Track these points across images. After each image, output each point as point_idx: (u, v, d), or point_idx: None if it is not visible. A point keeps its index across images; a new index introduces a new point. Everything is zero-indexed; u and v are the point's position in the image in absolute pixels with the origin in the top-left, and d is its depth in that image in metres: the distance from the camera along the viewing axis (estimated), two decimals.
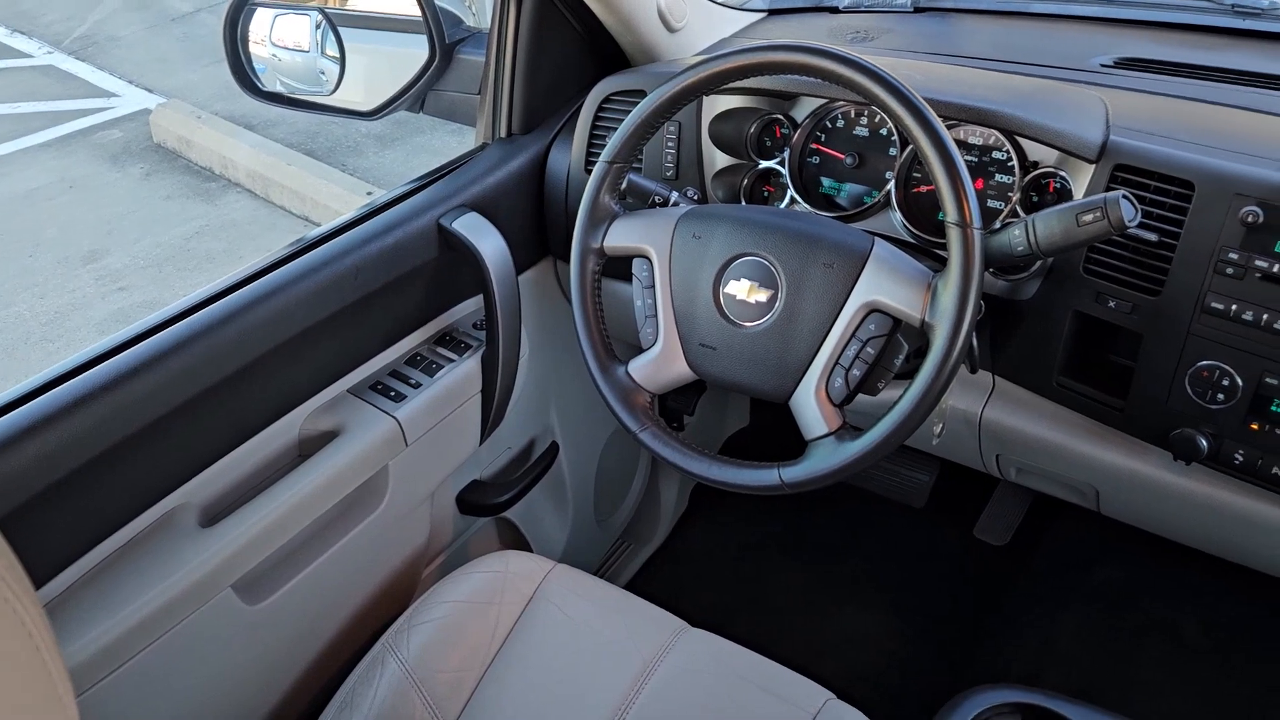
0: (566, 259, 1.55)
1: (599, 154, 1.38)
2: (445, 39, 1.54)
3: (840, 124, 1.33)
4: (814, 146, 1.35)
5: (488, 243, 1.36)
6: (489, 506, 1.55)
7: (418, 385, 1.34)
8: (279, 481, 1.20)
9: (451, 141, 4.68)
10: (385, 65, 1.59)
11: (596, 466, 1.84)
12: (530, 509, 1.70)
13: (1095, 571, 1.89)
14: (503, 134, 1.52)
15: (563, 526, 1.79)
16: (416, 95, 1.59)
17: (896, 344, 1.02)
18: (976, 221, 0.94)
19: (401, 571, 1.43)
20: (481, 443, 1.49)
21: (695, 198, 1.29)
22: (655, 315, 1.13)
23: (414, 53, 1.54)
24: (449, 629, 1.20)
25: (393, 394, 1.33)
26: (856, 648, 1.87)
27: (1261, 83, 1.26)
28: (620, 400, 1.14)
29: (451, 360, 1.39)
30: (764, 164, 1.37)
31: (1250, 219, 0.99)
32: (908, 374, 1.08)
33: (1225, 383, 1.04)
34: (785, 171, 1.34)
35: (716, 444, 2.23)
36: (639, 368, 1.14)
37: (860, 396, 1.04)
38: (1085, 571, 1.89)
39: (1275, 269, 0.99)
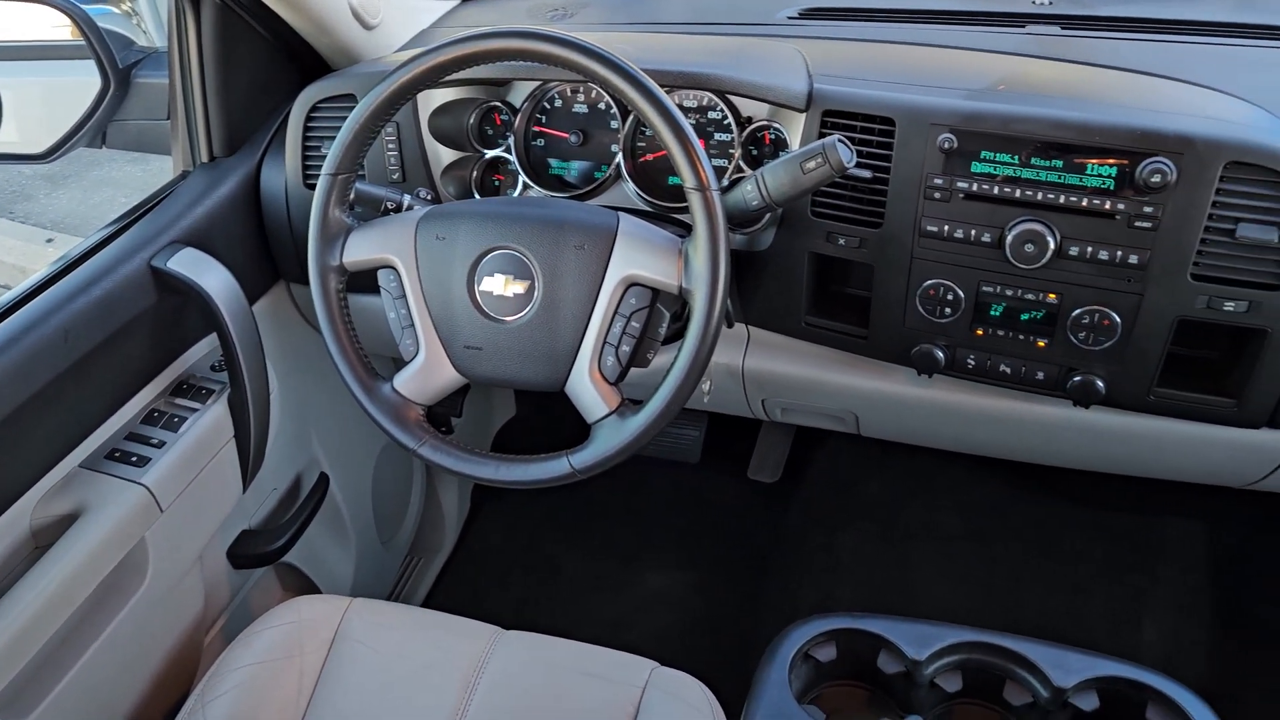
0: (301, 282, 1.47)
1: (317, 168, 1.31)
2: (117, 64, 1.40)
3: (558, 104, 1.33)
4: (536, 129, 1.34)
5: (212, 278, 1.26)
6: (265, 555, 1.45)
7: (162, 444, 1.22)
8: (18, 583, 1.06)
9: (134, 171, 4.30)
10: (52, 100, 1.43)
11: (371, 489, 1.76)
12: (310, 548, 1.60)
13: (862, 490, 2.03)
14: (204, 158, 1.41)
15: (347, 559, 1.71)
16: (95, 128, 1.44)
17: (659, 313, 1.04)
18: (714, 184, 0.97)
19: (182, 647, 1.31)
20: (244, 490, 1.39)
21: (429, 198, 1.25)
22: (412, 325, 1.08)
23: (85, 81, 1.39)
24: (250, 694, 1.11)
25: (135, 459, 1.20)
26: (665, 611, 1.91)
27: (942, 19, 1.38)
28: (391, 418, 1.09)
29: (195, 410, 1.28)
30: (490, 153, 1.35)
31: (947, 145, 1.08)
32: (673, 339, 1.10)
33: (950, 297, 1.14)
34: (512, 158, 1.33)
35: (487, 439, 2.20)
36: (405, 381, 1.10)
37: (633, 370, 1.05)
38: (853, 492, 2.03)
39: (975, 188, 1.09)
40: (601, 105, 1.31)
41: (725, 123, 1.24)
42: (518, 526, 2.10)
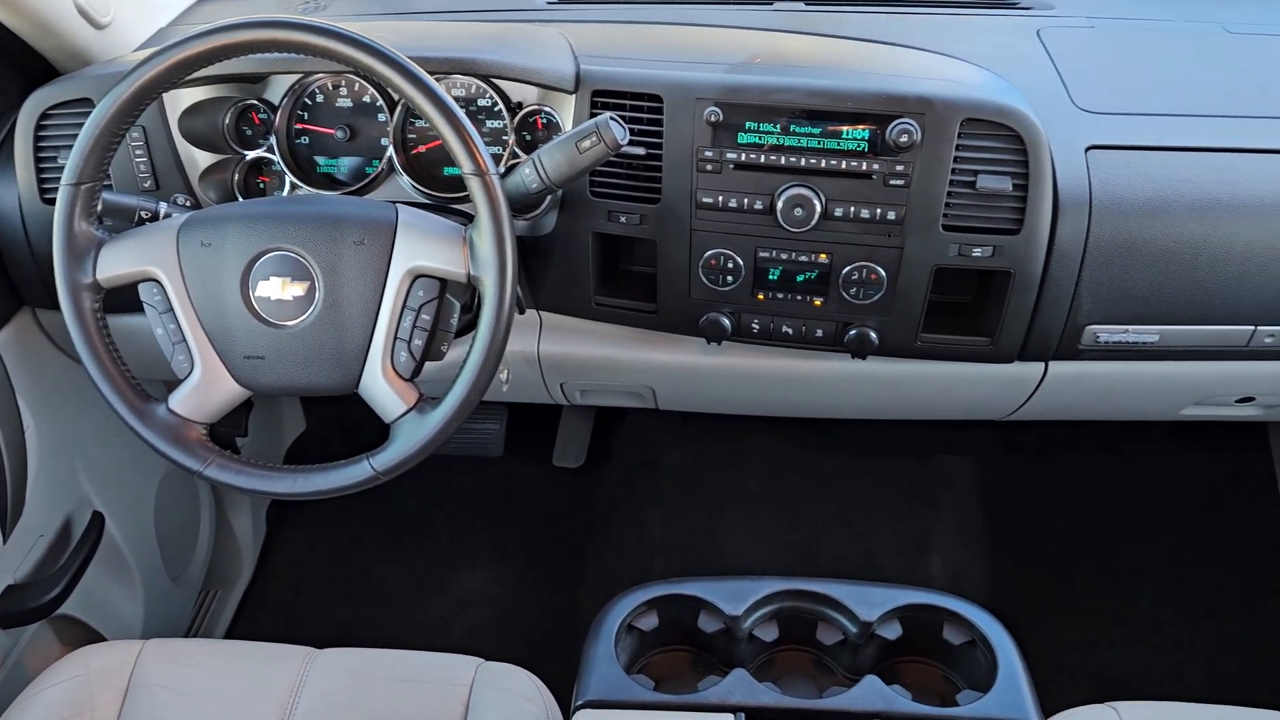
0: (50, 307, 1.34)
1: (54, 180, 1.20)
2: None
3: (321, 99, 1.28)
4: (300, 127, 1.29)
5: None
6: (36, 610, 1.32)
7: None
8: None
9: None
10: None
11: (154, 522, 1.64)
12: (90, 595, 1.48)
13: (666, 462, 2.08)
14: None
15: (134, 601, 1.58)
16: None
17: (449, 304, 1.02)
18: (492, 168, 0.96)
19: None
20: (4, 542, 1.26)
21: (188, 204, 1.17)
22: (184, 340, 1.01)
23: None
24: None
25: None
26: (485, 607, 1.89)
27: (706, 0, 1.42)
28: (170, 441, 1.02)
29: None
30: (251, 154, 1.28)
31: (713, 119, 1.12)
32: (466, 330, 1.09)
33: (731, 265, 1.18)
34: (276, 158, 1.27)
35: (279, 456, 2.09)
36: (182, 400, 1.03)
37: (428, 364, 1.03)
38: (658, 466, 2.07)
39: (743, 158, 1.13)
40: (367, 98, 1.27)
41: (496, 109, 1.23)
42: (321, 542, 2.01)
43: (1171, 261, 1.13)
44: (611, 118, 1.04)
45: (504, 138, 1.23)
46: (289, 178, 1.26)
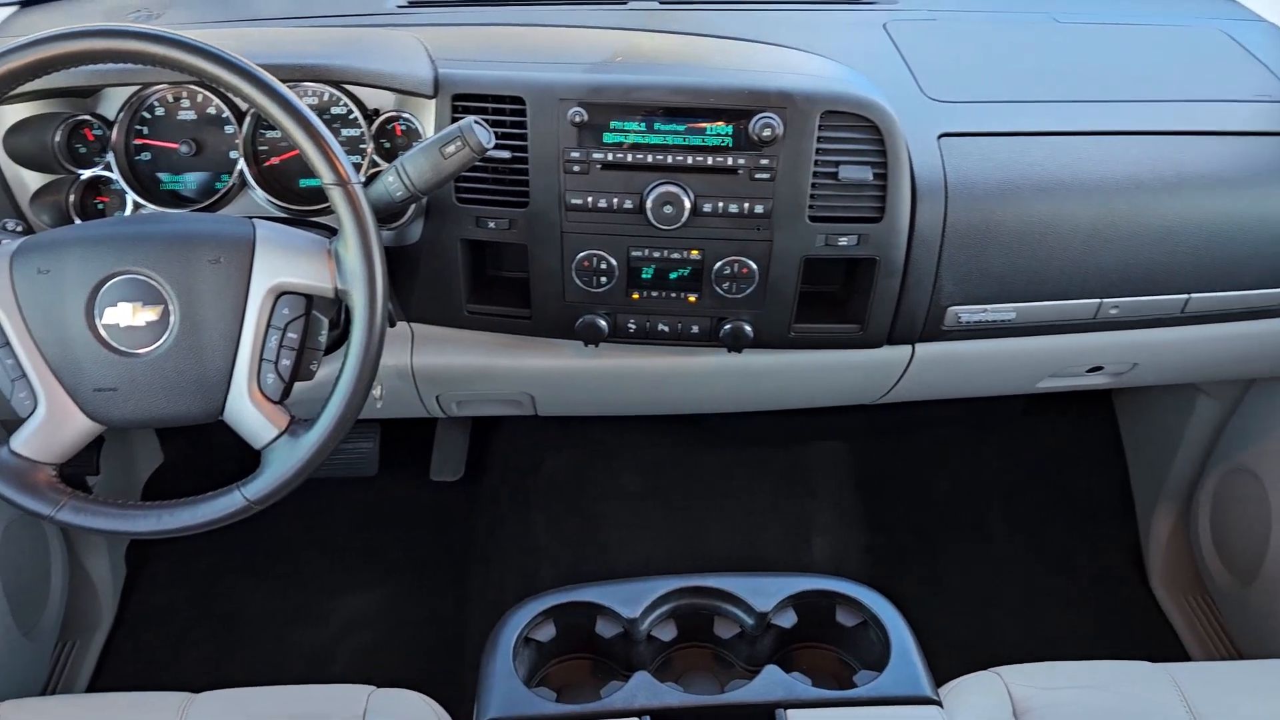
0: None
1: None
2: None
3: (161, 111, 1.21)
4: (140, 142, 1.21)
5: None
6: None
7: None
8: None
9: None
10: None
11: None
12: None
13: (546, 469, 2.05)
14: None
15: None
16: None
17: (316, 321, 0.98)
18: (354, 177, 0.93)
19: None
20: None
21: (19, 229, 1.08)
22: (24, 375, 0.94)
23: None
24: None
25: None
26: (370, 632, 1.83)
27: (560, 0, 1.41)
28: (15, 485, 0.95)
29: None
30: (86, 173, 1.20)
31: (577, 119, 1.11)
32: (336, 346, 1.05)
33: (604, 266, 1.17)
34: (115, 175, 1.19)
35: (135, 492, 1.97)
36: (26, 440, 0.95)
37: (298, 385, 0.98)
38: (538, 472, 2.05)
39: (610, 157, 1.12)
40: (212, 109, 1.20)
41: (351, 117, 1.19)
42: (188, 579, 1.91)
43: (1023, 241, 1.19)
44: (476, 121, 1.01)
45: (362, 146, 1.19)
46: (131, 196, 1.19)
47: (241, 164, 1.18)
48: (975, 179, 1.17)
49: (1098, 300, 1.24)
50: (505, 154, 1.13)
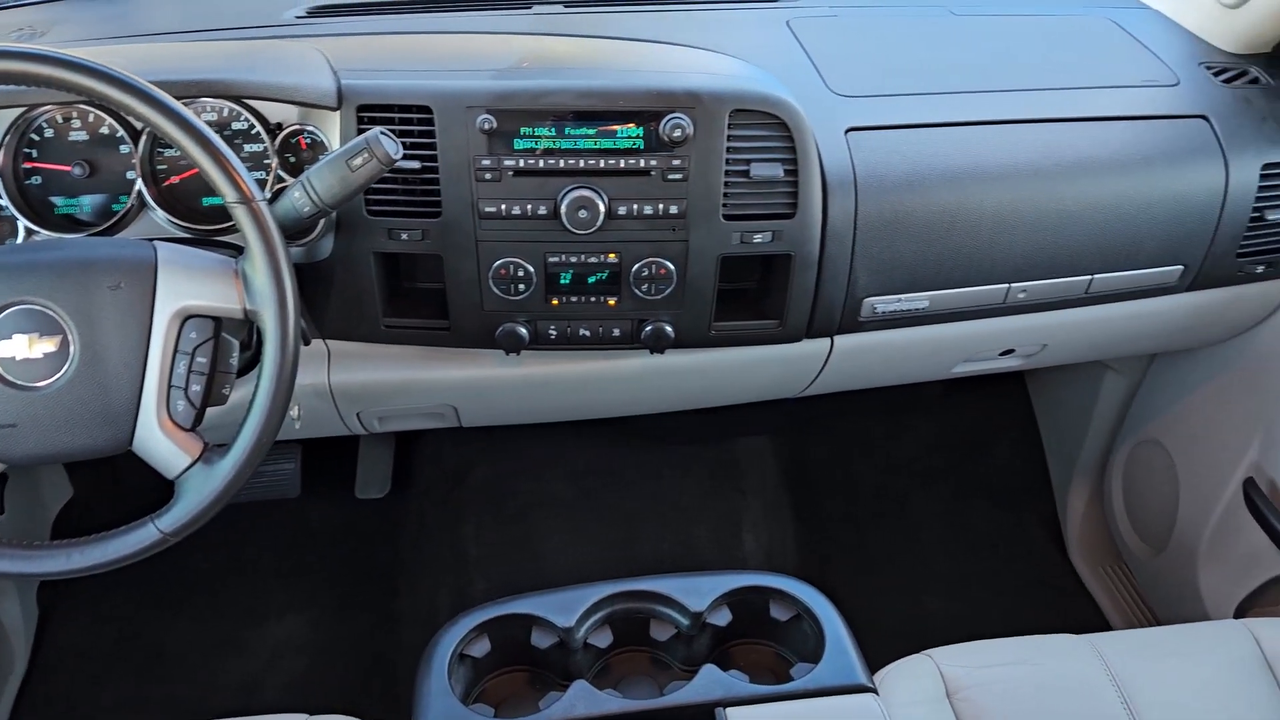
0: None
1: None
2: None
3: (51, 133, 1.16)
4: (29, 165, 1.16)
5: None
6: None
7: None
8: None
9: None
10: None
11: None
12: None
13: (473, 480, 2.03)
14: None
15: None
16: None
17: (226, 343, 0.95)
18: (258, 194, 0.90)
19: None
20: None
21: None
22: None
23: None
24: None
25: None
26: (300, 657, 1.79)
27: (450, 6, 1.39)
28: None
29: None
30: None
31: (487, 126, 1.09)
32: (249, 368, 1.02)
33: (521, 273, 1.16)
34: (5, 201, 1.14)
35: (44, 531, 1.89)
36: None
37: (211, 410, 0.95)
38: (465, 484, 2.03)
39: (521, 164, 1.11)
40: (105, 129, 1.16)
41: (253, 132, 1.16)
42: (106, 617, 1.84)
43: (932, 231, 1.21)
44: (382, 132, 1.00)
45: (266, 161, 1.16)
46: (22, 223, 1.14)
47: (139, 184, 1.14)
48: (883, 172, 1.19)
49: (1006, 285, 1.28)
50: (415, 164, 1.11)
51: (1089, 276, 1.29)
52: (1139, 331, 1.46)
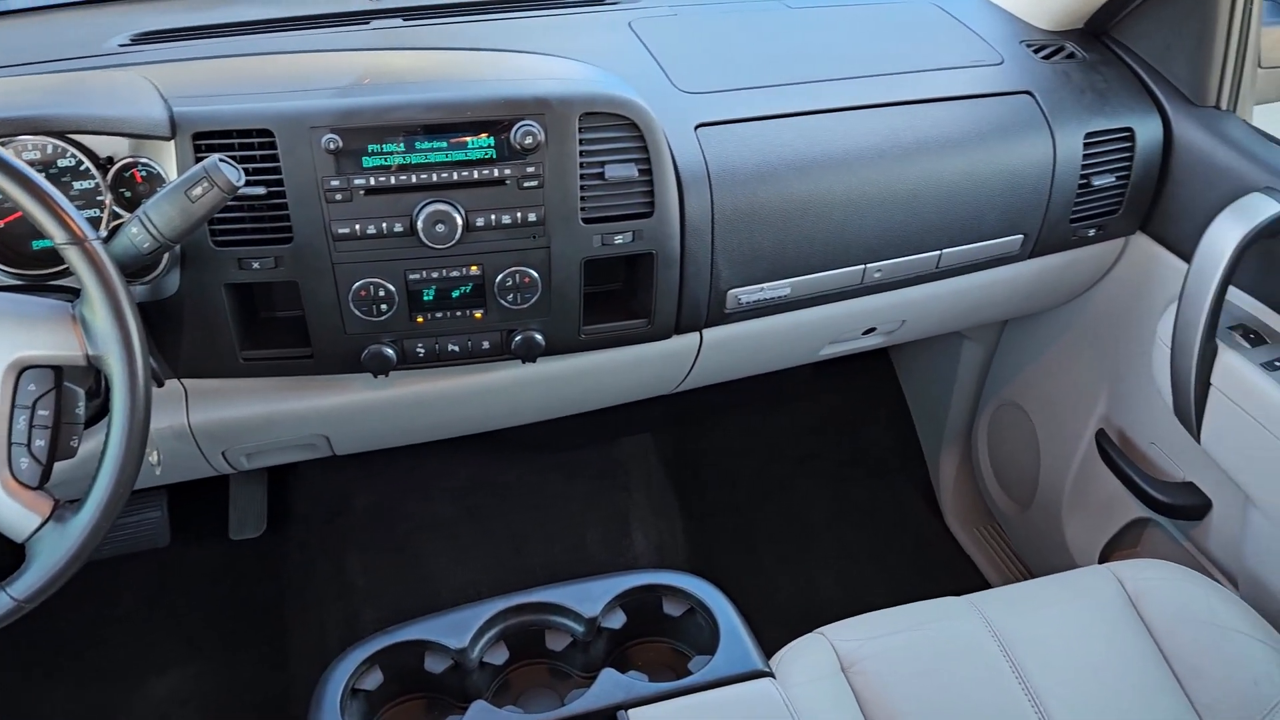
0: None
1: None
2: None
3: None
4: None
5: None
6: None
7: None
8: None
9: None
10: None
11: None
12: None
13: (354, 507, 1.98)
14: None
15: None
16: None
17: (70, 393, 0.90)
18: (90, 233, 0.86)
19: None
20: None
21: None
22: None
23: None
24: None
25: None
26: (185, 713, 1.70)
27: (284, 26, 1.35)
28: None
29: None
30: None
31: (332, 146, 1.06)
32: (98, 417, 0.97)
33: (382, 293, 1.13)
34: None
35: None
36: None
37: (59, 465, 0.90)
38: (345, 513, 1.97)
39: (372, 182, 1.09)
40: None
41: (82, 168, 1.10)
42: None
43: (788, 219, 1.24)
44: (221, 159, 0.96)
45: (99, 198, 1.10)
46: None
47: None
48: (735, 165, 1.22)
49: (862, 266, 1.32)
50: (260, 190, 1.08)
51: (938, 252, 1.35)
52: (988, 300, 1.53)
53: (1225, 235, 1.23)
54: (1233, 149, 1.33)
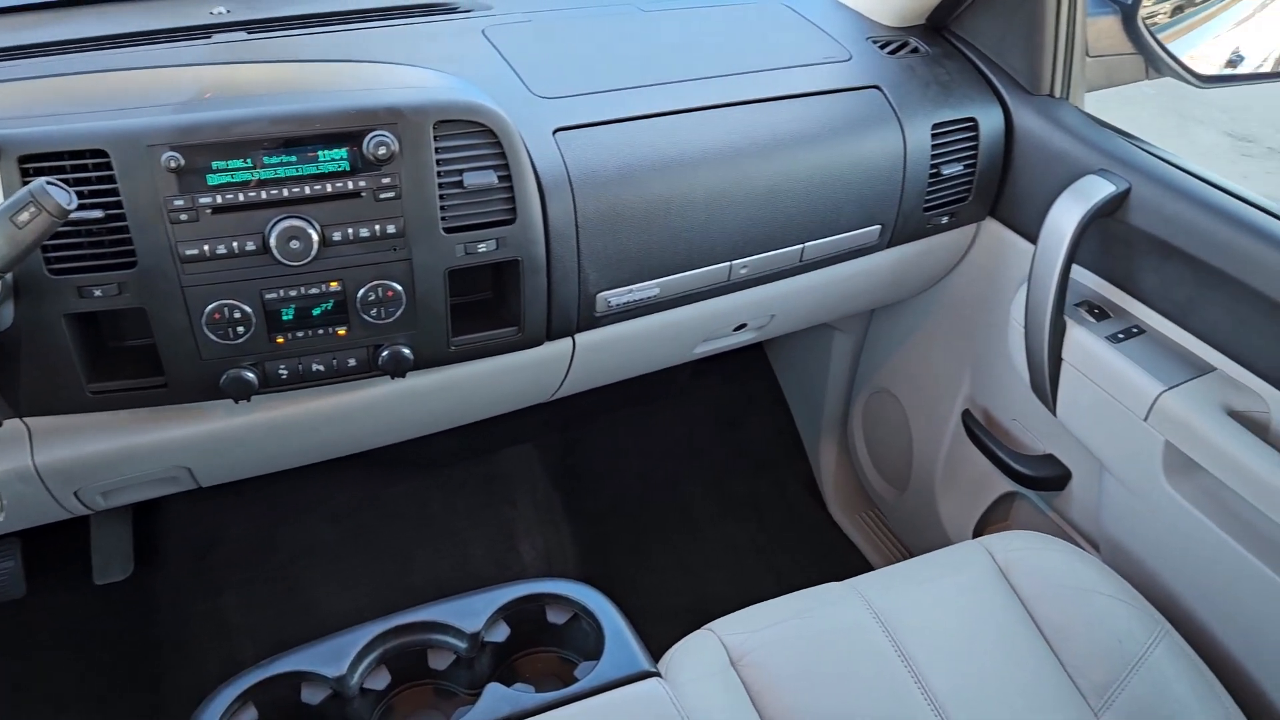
0: None
1: None
2: None
3: None
4: None
5: None
6: None
7: None
8: None
9: None
10: None
11: None
12: None
13: (226, 541, 1.90)
14: None
15: None
16: None
17: None
18: None
19: None
20: None
21: None
22: None
23: None
24: None
25: None
26: None
27: (119, 42, 1.29)
28: None
29: None
30: None
31: (173, 164, 1.02)
32: None
33: (238, 315, 1.09)
34: None
35: None
36: None
37: None
38: (218, 547, 1.89)
39: (219, 200, 1.05)
40: None
41: None
42: None
43: (652, 220, 1.25)
44: (49, 182, 0.90)
45: None
46: None
47: None
48: (595, 168, 1.22)
49: (728, 263, 1.34)
50: (97, 213, 1.02)
51: (800, 246, 1.38)
52: (853, 291, 1.57)
53: (1066, 216, 1.29)
54: (1068, 134, 1.40)
